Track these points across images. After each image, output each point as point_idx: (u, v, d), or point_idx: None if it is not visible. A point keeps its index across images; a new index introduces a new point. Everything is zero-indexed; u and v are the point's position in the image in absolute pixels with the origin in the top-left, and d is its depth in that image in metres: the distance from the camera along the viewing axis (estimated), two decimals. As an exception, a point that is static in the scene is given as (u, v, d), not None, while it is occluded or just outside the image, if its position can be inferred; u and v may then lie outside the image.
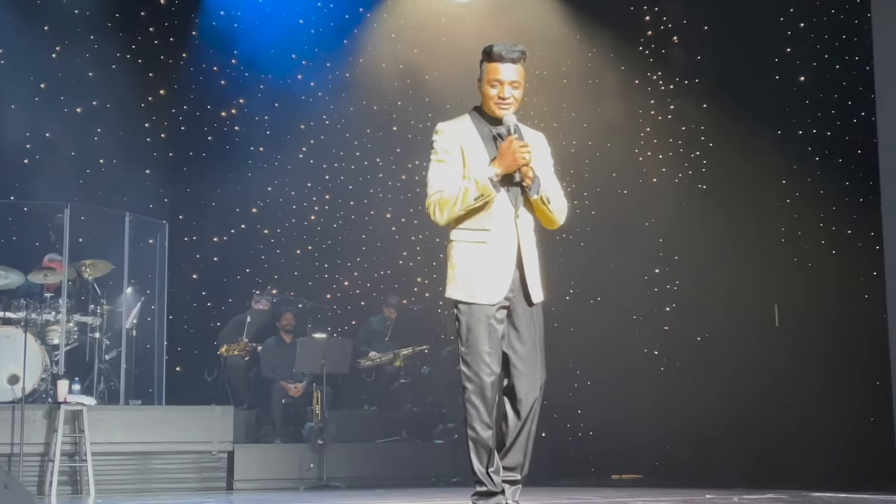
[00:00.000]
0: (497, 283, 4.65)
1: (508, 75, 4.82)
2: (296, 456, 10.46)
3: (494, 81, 4.83)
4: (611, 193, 11.89)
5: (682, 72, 11.59)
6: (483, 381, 4.71)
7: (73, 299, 10.49)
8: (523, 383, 4.88)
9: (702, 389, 10.68)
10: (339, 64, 13.01)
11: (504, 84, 4.81)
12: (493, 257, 4.67)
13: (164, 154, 12.67)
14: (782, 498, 6.93)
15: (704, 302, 11.04)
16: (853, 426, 9.44)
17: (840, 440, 9.49)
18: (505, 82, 4.82)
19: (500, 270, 4.67)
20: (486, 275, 4.64)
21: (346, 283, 13.51)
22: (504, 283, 4.66)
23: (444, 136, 4.89)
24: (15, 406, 9.10)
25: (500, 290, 4.66)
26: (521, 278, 4.72)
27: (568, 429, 11.97)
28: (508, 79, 4.82)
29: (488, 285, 4.64)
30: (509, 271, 4.68)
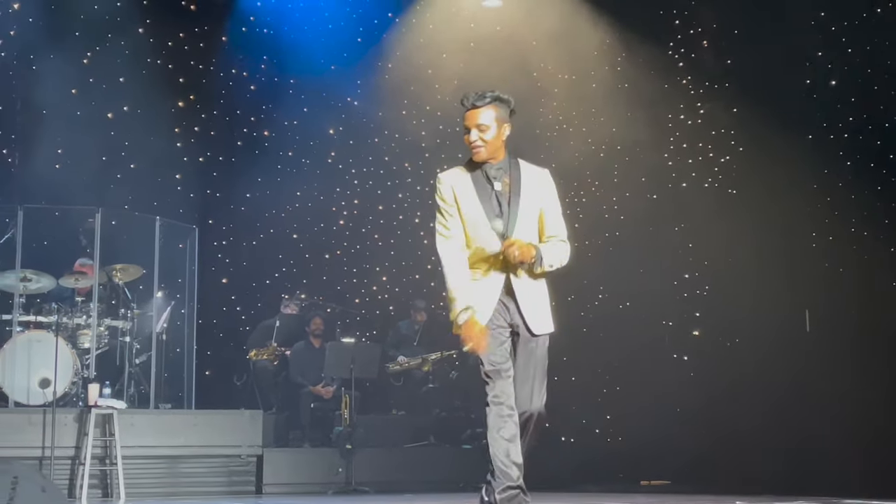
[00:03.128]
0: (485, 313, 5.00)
1: (475, 120, 5.07)
2: (324, 460, 10.48)
3: (465, 128, 5.12)
4: (640, 198, 11.84)
5: (712, 76, 11.54)
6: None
7: (104, 303, 10.55)
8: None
9: (731, 395, 10.62)
10: (368, 68, 13.02)
11: (471, 129, 5.07)
12: (480, 293, 5.03)
13: (194, 159, 12.73)
14: (813, 505, 6.88)
15: (734, 307, 10.97)
16: (883, 432, 9.36)
17: (871, 446, 9.40)
18: (471, 127, 5.07)
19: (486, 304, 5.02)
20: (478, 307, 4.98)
21: (374, 288, 13.52)
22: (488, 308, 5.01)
23: (441, 188, 5.21)
24: (46, 409, 9.17)
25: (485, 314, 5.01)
26: (517, 308, 5.07)
27: (596, 434, 11.92)
28: (475, 123, 5.07)
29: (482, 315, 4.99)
30: (492, 304, 5.03)
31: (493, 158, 5.14)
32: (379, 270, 13.51)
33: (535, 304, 5.11)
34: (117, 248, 11.10)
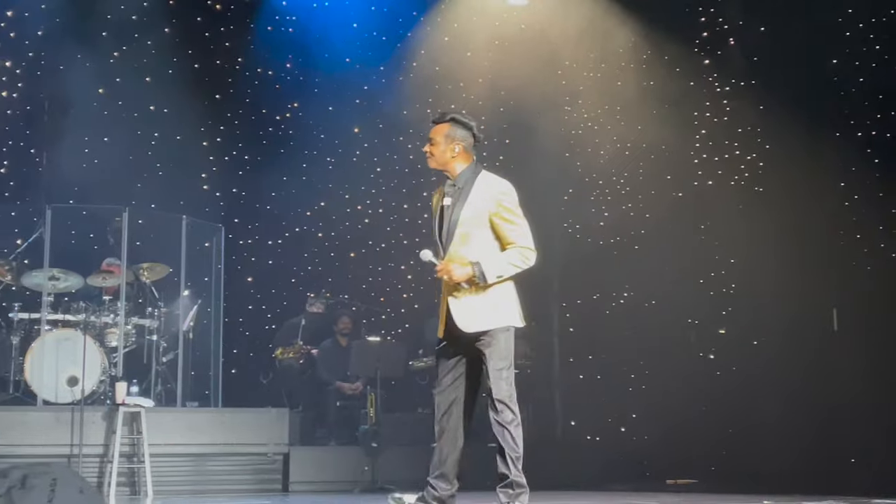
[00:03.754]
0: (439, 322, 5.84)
1: (429, 135, 5.82)
2: (350, 458, 10.49)
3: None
4: (666, 196, 11.81)
5: (739, 73, 11.49)
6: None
7: (131, 302, 10.61)
8: None
9: (758, 394, 10.58)
10: (393, 67, 13.02)
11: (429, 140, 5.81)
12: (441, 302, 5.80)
13: (220, 158, 12.78)
14: (842, 505, 6.85)
15: (761, 306, 10.93)
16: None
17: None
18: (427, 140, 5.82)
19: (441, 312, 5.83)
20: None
21: (399, 287, 13.53)
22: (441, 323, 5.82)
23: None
24: (74, 408, 9.22)
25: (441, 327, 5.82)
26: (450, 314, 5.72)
27: (622, 433, 11.90)
28: (429, 136, 5.82)
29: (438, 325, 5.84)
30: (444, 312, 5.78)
31: (446, 172, 5.77)
32: (404, 269, 13.51)
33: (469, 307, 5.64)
34: (144, 247, 11.16)
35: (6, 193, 12.11)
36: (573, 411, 12.50)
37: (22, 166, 12.28)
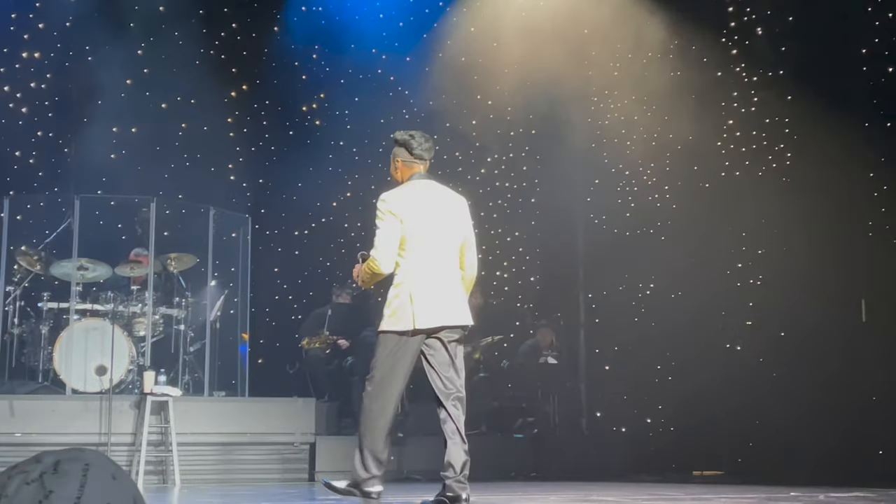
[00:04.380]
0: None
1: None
2: (376, 448, 10.50)
3: None
4: (693, 187, 11.76)
5: (766, 63, 11.42)
6: None
7: (159, 292, 10.67)
8: None
9: (786, 386, 10.53)
10: (419, 58, 13.03)
11: None
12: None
13: (247, 149, 12.83)
14: (869, 496, 6.82)
15: (789, 297, 10.87)
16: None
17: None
18: None
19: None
20: None
21: (425, 277, 13.52)
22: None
23: None
24: (103, 396, 9.30)
25: None
26: None
27: (648, 424, 11.88)
28: None
29: None
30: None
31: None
32: (430, 259, 13.51)
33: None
34: (172, 237, 11.23)
35: (35, 184, 12.21)
36: (599, 402, 12.50)
37: (51, 157, 12.38)
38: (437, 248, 5.97)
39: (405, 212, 5.98)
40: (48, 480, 1.63)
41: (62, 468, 1.64)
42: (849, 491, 7.35)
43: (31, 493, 1.63)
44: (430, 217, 6.00)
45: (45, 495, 1.62)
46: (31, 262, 10.43)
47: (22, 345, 10.34)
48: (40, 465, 1.66)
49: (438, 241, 5.98)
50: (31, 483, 1.64)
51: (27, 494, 1.63)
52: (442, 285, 5.93)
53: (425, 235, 5.96)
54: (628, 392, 11.85)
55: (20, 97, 12.28)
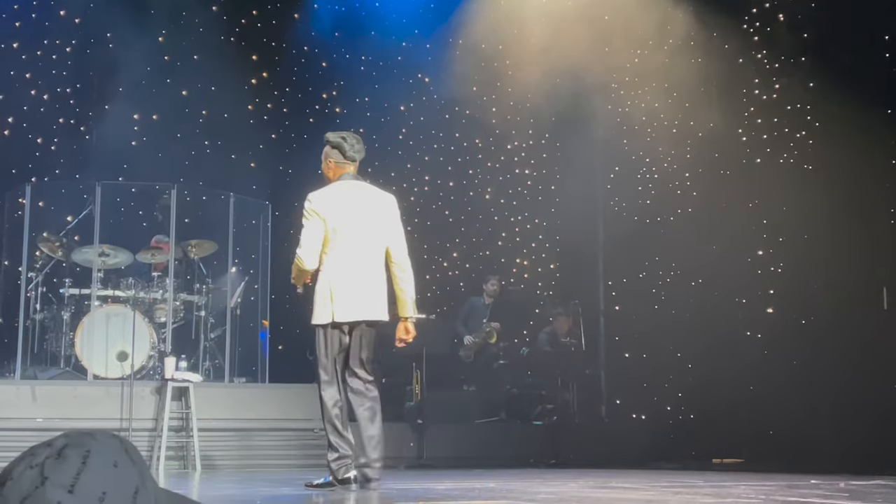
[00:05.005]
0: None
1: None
2: (395, 435, 10.53)
3: None
4: (713, 174, 11.71)
5: (788, 50, 11.35)
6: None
7: (180, 278, 10.72)
8: None
9: (806, 373, 10.49)
10: (439, 45, 13.01)
11: None
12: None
13: (267, 135, 12.85)
14: (890, 484, 6.79)
15: (810, 285, 10.83)
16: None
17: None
18: None
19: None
20: None
21: (445, 265, 13.55)
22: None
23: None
24: (124, 382, 9.35)
25: None
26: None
27: (668, 412, 11.86)
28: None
29: None
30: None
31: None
32: (449, 247, 13.53)
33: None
34: (192, 224, 11.27)
35: (57, 170, 12.27)
36: (619, 390, 12.49)
37: (72, 143, 12.43)
38: (358, 246, 6.31)
39: (328, 211, 6.30)
40: (48, 466, 1.63)
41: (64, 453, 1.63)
42: (870, 479, 7.32)
43: (30, 478, 1.63)
44: (354, 216, 6.34)
45: (41, 482, 1.61)
46: (52, 249, 10.49)
47: (44, 331, 10.41)
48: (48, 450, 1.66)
49: (360, 239, 6.32)
50: (33, 468, 1.64)
51: (27, 479, 1.63)
52: (361, 281, 6.27)
53: (347, 233, 6.29)
54: (648, 379, 11.83)
55: (42, 84, 12.33)
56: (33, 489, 1.61)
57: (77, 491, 1.60)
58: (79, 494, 1.60)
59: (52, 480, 1.61)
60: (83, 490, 1.61)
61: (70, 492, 1.60)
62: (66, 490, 1.60)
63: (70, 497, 1.60)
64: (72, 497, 1.60)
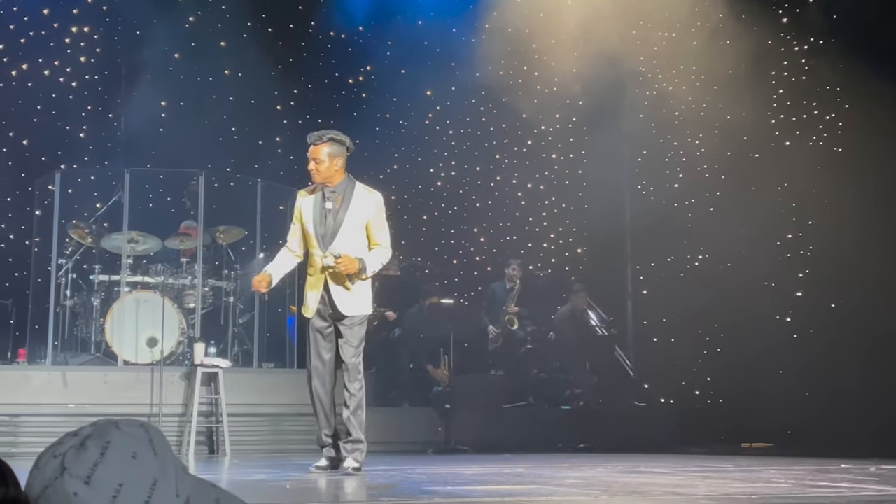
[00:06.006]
0: (310, 303, 6.68)
1: (313, 154, 6.69)
2: (423, 419, 10.57)
3: (308, 159, 6.75)
4: (742, 157, 11.65)
5: (818, 31, 11.26)
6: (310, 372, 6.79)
7: (208, 264, 10.75)
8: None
9: (835, 357, 10.44)
10: (465, 30, 12.98)
11: (309, 160, 6.73)
12: (310, 288, 6.72)
13: (294, 121, 12.85)
14: (921, 469, 6.75)
15: (839, 268, 10.76)
16: None
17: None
18: (310, 159, 6.71)
19: (312, 297, 6.68)
20: (306, 297, 6.73)
21: (472, 249, 13.55)
22: (314, 304, 6.64)
23: (295, 203, 6.95)
24: (154, 368, 9.40)
25: (312, 308, 6.66)
26: (330, 299, 6.58)
27: (696, 396, 11.84)
28: (313, 157, 6.70)
29: (307, 304, 6.71)
30: (317, 295, 6.62)
31: (329, 182, 6.65)
32: (476, 231, 13.52)
33: (346, 294, 6.56)
34: (220, 210, 11.28)
35: (85, 158, 12.33)
36: (647, 374, 12.46)
37: (100, 131, 12.50)
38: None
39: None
40: (69, 456, 1.64)
41: (86, 444, 1.64)
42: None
43: (52, 468, 1.64)
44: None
45: (61, 472, 1.63)
46: (82, 236, 10.54)
47: (74, 317, 10.48)
48: (73, 440, 1.67)
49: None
50: (56, 457, 1.65)
51: (50, 469, 1.64)
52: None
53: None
54: (676, 364, 11.80)
55: (70, 72, 12.39)
56: (53, 479, 1.63)
57: (93, 482, 1.61)
58: (95, 486, 1.61)
59: (70, 471, 1.62)
60: (99, 481, 1.61)
61: (86, 483, 1.61)
62: (82, 481, 1.61)
63: (86, 488, 1.61)
64: (88, 488, 1.61)
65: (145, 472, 1.65)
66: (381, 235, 6.73)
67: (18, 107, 12.12)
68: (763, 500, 4.58)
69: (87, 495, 1.61)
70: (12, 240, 12.00)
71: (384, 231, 6.75)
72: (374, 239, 6.71)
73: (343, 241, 6.59)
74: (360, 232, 6.67)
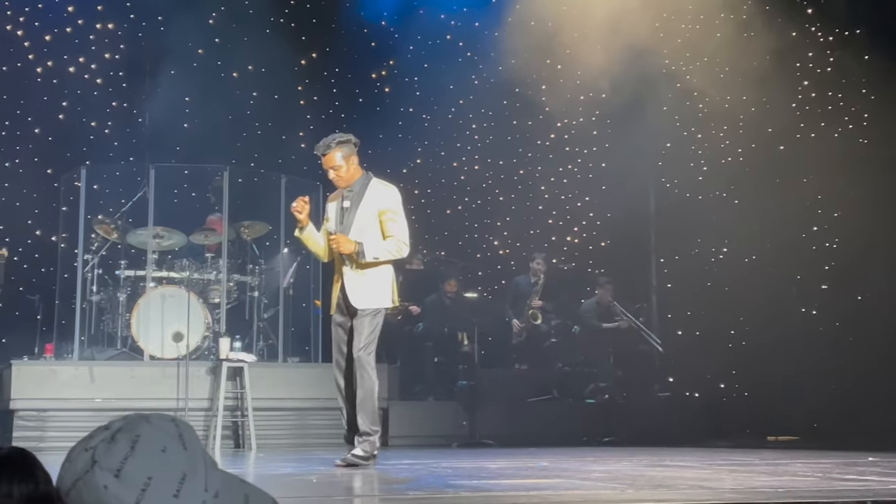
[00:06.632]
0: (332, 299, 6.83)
1: (329, 164, 6.76)
2: (448, 413, 10.58)
3: (325, 170, 6.86)
4: (767, 149, 11.59)
5: (843, 22, 11.19)
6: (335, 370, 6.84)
7: (233, 259, 10.79)
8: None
9: (862, 350, 10.38)
10: (488, 23, 12.97)
11: (328, 170, 6.81)
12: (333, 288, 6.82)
13: (317, 116, 12.88)
14: (950, 462, 6.70)
15: (865, 260, 10.70)
16: None
17: None
18: (328, 168, 6.80)
19: (333, 296, 6.81)
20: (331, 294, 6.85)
21: (496, 243, 13.54)
22: (334, 300, 6.79)
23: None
24: (180, 362, 9.44)
25: (332, 304, 6.81)
26: (344, 294, 6.67)
27: (722, 390, 11.79)
28: (329, 166, 6.77)
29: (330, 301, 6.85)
30: (336, 291, 6.75)
31: (350, 183, 6.74)
32: (500, 225, 13.52)
33: (358, 287, 6.63)
34: (244, 205, 11.32)
35: (110, 154, 12.39)
36: (672, 367, 12.42)
37: (125, 127, 12.55)
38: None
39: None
40: (99, 450, 1.65)
41: (116, 438, 1.65)
42: (928, 456, 7.23)
43: (83, 461, 1.65)
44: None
45: (91, 465, 1.64)
46: (108, 231, 10.60)
47: (100, 312, 10.54)
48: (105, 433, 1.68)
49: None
50: (87, 450, 1.66)
51: (81, 462, 1.65)
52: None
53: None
54: (701, 357, 11.76)
55: (95, 68, 12.46)
56: (84, 472, 1.64)
57: (123, 476, 1.62)
58: (124, 479, 1.62)
59: (100, 464, 1.63)
60: (129, 475, 1.62)
61: (116, 476, 1.62)
62: (112, 474, 1.62)
63: (116, 481, 1.62)
64: (118, 481, 1.62)
65: (174, 466, 1.65)
66: (394, 228, 6.70)
67: (44, 103, 12.20)
68: (790, 493, 4.55)
69: (116, 488, 1.62)
70: (39, 236, 12.08)
71: (396, 224, 6.71)
72: (387, 231, 6.69)
73: (355, 235, 6.62)
74: (373, 225, 6.68)
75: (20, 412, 9.12)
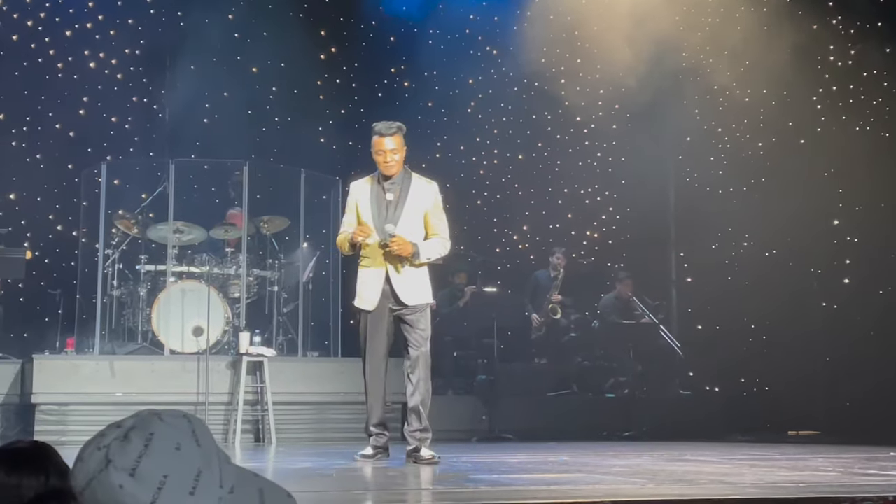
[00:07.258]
0: (369, 295, 6.59)
1: (388, 146, 6.58)
2: (467, 408, 10.58)
3: (379, 151, 6.61)
4: (787, 143, 11.55)
5: (864, 15, 11.12)
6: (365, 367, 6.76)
7: (253, 254, 10.81)
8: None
9: (883, 344, 10.33)
10: (507, 17, 12.95)
11: (386, 152, 6.57)
12: (368, 281, 6.61)
13: (336, 111, 12.90)
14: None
15: (886, 254, 10.65)
16: None
17: None
18: (387, 151, 6.57)
19: (373, 290, 6.58)
20: (363, 290, 6.63)
21: (515, 237, 13.53)
22: (374, 296, 6.55)
23: (349, 194, 6.88)
24: (200, 357, 9.47)
25: (373, 300, 6.57)
26: (391, 289, 6.51)
27: (742, 384, 11.76)
28: (389, 148, 6.58)
29: (365, 298, 6.62)
30: (378, 287, 6.54)
31: (393, 173, 6.59)
32: (519, 220, 13.50)
33: (409, 284, 6.52)
34: (264, 200, 11.35)
35: (131, 149, 12.44)
36: (692, 362, 12.39)
37: (145, 122, 12.59)
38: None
39: None
40: (113, 448, 1.64)
41: (129, 436, 1.65)
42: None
43: (97, 460, 1.65)
44: None
45: (106, 465, 1.63)
46: (128, 226, 10.63)
47: (121, 307, 10.57)
48: (117, 431, 1.67)
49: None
50: (101, 449, 1.66)
51: (94, 461, 1.65)
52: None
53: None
54: (721, 351, 11.72)
55: (115, 64, 12.50)
56: (98, 472, 1.64)
57: (138, 474, 1.62)
58: (140, 477, 1.62)
59: (115, 463, 1.62)
60: (144, 473, 1.62)
61: (131, 475, 1.62)
62: (127, 473, 1.62)
63: (131, 480, 1.62)
64: (133, 480, 1.62)
65: (189, 463, 1.65)
66: (440, 226, 6.66)
67: (65, 98, 12.25)
68: (811, 488, 4.54)
69: (132, 487, 1.62)
70: (59, 231, 12.14)
71: (442, 221, 6.68)
72: (433, 229, 6.64)
73: (403, 230, 6.52)
74: (419, 222, 6.61)
75: (42, 406, 9.16)
